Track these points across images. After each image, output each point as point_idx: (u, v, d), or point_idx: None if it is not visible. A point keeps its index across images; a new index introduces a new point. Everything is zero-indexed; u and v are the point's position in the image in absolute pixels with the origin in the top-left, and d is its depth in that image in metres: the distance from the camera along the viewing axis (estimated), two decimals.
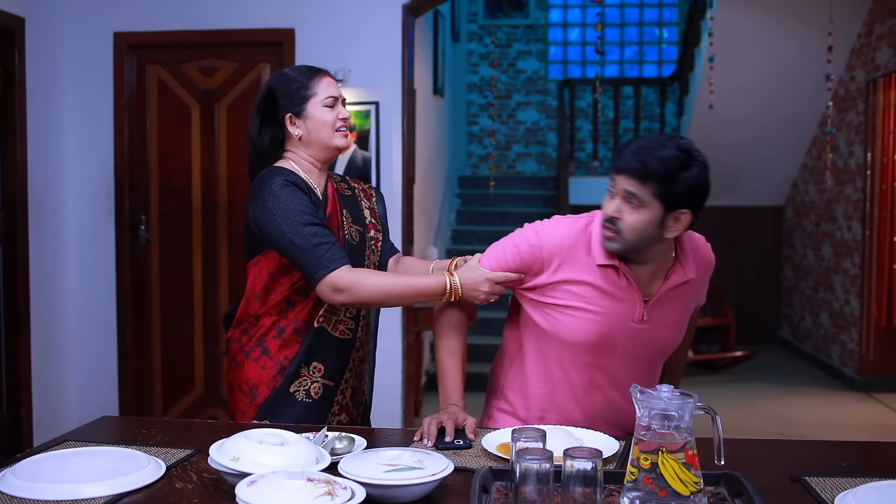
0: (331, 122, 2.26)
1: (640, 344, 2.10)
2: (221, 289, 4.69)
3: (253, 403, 2.26)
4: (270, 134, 2.29)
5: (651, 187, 1.92)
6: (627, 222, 1.96)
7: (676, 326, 2.16)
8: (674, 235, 2.00)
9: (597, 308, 2.06)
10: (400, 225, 4.66)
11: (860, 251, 6.59)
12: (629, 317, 2.06)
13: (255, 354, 2.27)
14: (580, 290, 2.07)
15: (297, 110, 2.26)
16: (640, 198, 1.93)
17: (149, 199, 4.73)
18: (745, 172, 8.01)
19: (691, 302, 2.19)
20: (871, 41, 6.44)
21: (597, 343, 2.08)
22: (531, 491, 1.47)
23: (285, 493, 1.43)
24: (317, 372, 2.27)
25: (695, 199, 1.96)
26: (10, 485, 1.62)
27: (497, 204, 8.87)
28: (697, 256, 2.15)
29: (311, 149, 2.28)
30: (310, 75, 2.28)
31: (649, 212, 1.94)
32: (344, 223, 2.32)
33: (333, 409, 2.31)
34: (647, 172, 1.91)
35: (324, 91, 2.26)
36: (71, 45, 4.64)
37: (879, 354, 6.51)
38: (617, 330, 2.07)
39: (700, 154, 1.96)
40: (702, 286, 2.21)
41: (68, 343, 4.68)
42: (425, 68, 6.78)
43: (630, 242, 1.98)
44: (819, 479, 1.72)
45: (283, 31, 4.56)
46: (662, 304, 2.09)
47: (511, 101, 10.76)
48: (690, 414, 1.46)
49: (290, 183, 2.18)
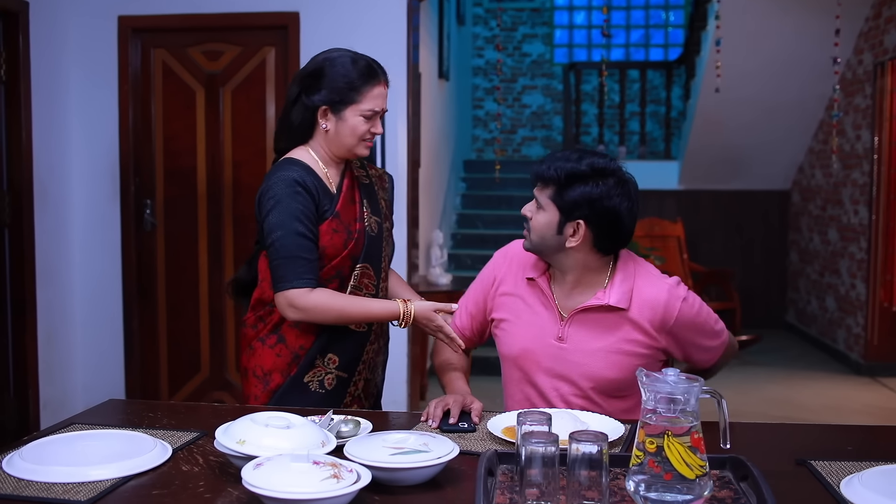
0: (361, 133, 2.23)
1: (561, 364, 2.13)
2: (227, 272, 4.69)
3: (266, 389, 2.27)
4: (302, 113, 2.24)
5: (548, 192, 2.08)
6: (532, 223, 2.12)
7: (604, 358, 2.10)
8: (573, 245, 2.07)
9: (521, 320, 2.19)
10: (405, 209, 4.65)
11: (867, 235, 6.57)
12: (549, 333, 2.15)
13: (270, 341, 2.26)
14: (511, 303, 2.22)
15: (335, 107, 2.21)
16: (539, 201, 2.10)
17: (154, 183, 4.73)
18: (751, 156, 7.99)
19: (626, 338, 2.09)
20: (878, 24, 6.40)
21: (521, 356, 2.18)
22: (536, 474, 1.47)
23: (291, 475, 1.43)
24: (331, 363, 2.28)
25: (592, 214, 2.04)
26: (17, 467, 1.63)
27: (502, 188, 8.85)
28: (640, 293, 2.10)
29: (332, 146, 2.26)
30: (365, 80, 2.21)
31: (547, 215, 2.08)
32: (364, 214, 2.31)
33: (346, 401, 2.31)
34: (546, 178, 2.08)
35: (369, 102, 2.21)
36: (75, 29, 4.63)
37: (885, 339, 6.50)
38: (538, 345, 2.15)
39: (617, 177, 2.07)
40: (644, 329, 2.09)
41: (74, 327, 4.69)
42: (430, 52, 6.76)
43: (534, 242, 2.13)
44: (825, 463, 1.72)
45: (288, 14, 4.54)
46: (581, 325, 2.12)
47: (516, 84, 10.73)
48: (696, 397, 1.46)
49: (299, 184, 2.17)
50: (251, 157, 4.62)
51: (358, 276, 2.27)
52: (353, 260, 2.26)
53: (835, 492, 1.57)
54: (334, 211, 2.24)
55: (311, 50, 2.39)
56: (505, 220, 8.57)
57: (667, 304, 2.08)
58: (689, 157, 8.13)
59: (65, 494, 1.53)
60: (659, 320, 2.09)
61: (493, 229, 8.48)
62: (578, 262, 2.11)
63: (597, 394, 2.13)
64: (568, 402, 2.13)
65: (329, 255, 2.22)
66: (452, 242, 8.26)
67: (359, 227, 2.27)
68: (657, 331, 2.10)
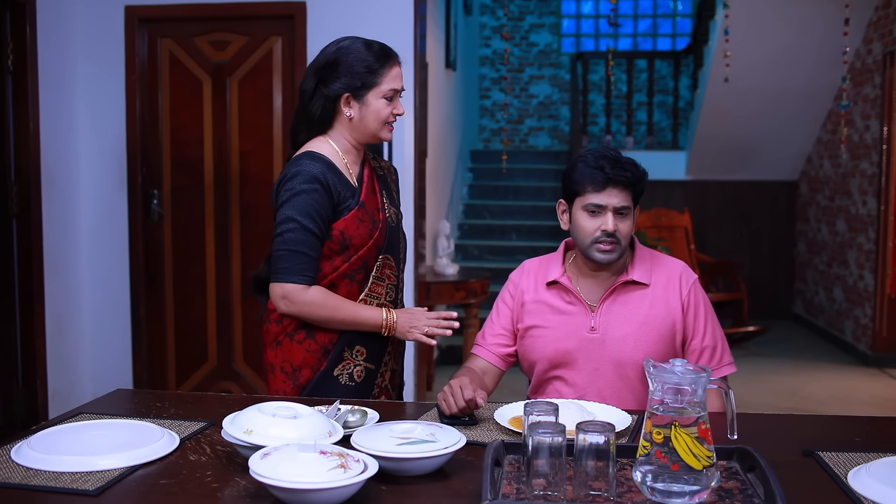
0: (385, 116, 2.24)
1: (596, 356, 2.19)
2: (234, 262, 4.70)
3: (296, 385, 2.27)
4: (322, 104, 2.24)
5: (626, 193, 2.12)
6: (623, 232, 2.13)
7: (635, 341, 2.17)
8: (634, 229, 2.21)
9: (550, 322, 2.23)
10: (412, 199, 4.65)
11: (875, 226, 6.55)
12: (581, 326, 2.20)
13: (299, 336, 2.26)
14: (536, 309, 2.26)
15: (357, 93, 2.22)
16: (619, 208, 2.12)
17: (161, 173, 4.73)
18: (759, 146, 7.96)
19: (653, 315, 2.19)
20: (888, 13, 6.36)
21: (555, 356, 2.21)
22: (543, 464, 1.47)
23: (298, 465, 1.43)
24: (359, 355, 2.28)
25: (639, 195, 2.19)
26: (25, 456, 1.64)
27: (509, 178, 8.85)
28: (658, 270, 2.23)
29: (356, 133, 2.26)
30: (382, 62, 2.23)
31: (632, 216, 2.17)
32: (385, 204, 2.32)
33: (374, 392, 2.32)
34: (635, 181, 2.12)
35: (389, 83, 2.23)
36: (82, 19, 4.62)
37: (893, 330, 6.48)
38: (572, 341, 2.20)
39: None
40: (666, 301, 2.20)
41: (82, 317, 4.70)
42: (437, 42, 6.74)
43: (625, 247, 2.17)
44: (832, 454, 1.71)
45: (295, 3, 4.53)
46: (610, 312, 2.19)
47: (524, 74, 10.70)
48: (703, 388, 1.46)
49: (317, 180, 2.18)
50: (258, 147, 4.62)
51: (380, 266, 2.28)
52: (378, 250, 2.27)
53: (842, 483, 1.56)
54: (359, 201, 2.24)
55: (318, 39, 2.39)
56: (512, 210, 8.57)
57: (682, 275, 2.22)
58: (696, 148, 8.11)
59: (73, 484, 1.54)
60: (675, 289, 2.20)
61: (500, 219, 8.47)
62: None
63: (631, 380, 2.18)
64: (603, 395, 2.17)
65: (356, 244, 2.22)
66: (459, 233, 8.26)
67: (382, 217, 2.28)
68: (675, 303, 2.20)
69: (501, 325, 2.32)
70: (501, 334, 2.32)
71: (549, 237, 7.89)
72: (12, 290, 4.21)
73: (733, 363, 2.25)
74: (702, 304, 2.22)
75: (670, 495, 1.44)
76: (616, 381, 2.18)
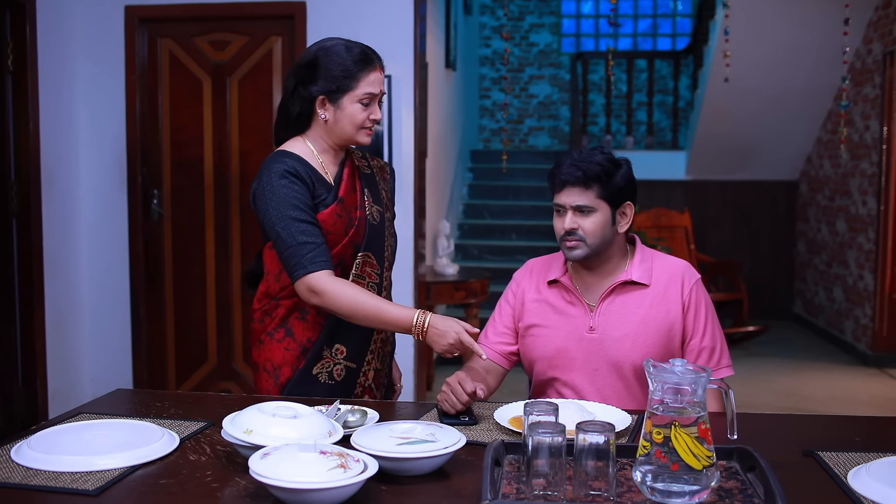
0: (360, 121, 2.21)
1: (595, 355, 2.19)
2: (234, 263, 4.70)
3: (277, 384, 2.26)
4: (300, 104, 2.23)
5: (593, 191, 2.12)
6: (587, 229, 2.14)
7: (633, 341, 2.17)
8: (625, 228, 2.20)
9: (551, 322, 2.24)
10: (412, 199, 4.64)
11: (875, 226, 6.55)
12: (580, 326, 2.21)
13: (278, 335, 2.26)
14: (538, 308, 2.27)
15: (332, 97, 2.20)
16: (581, 206, 2.12)
17: (161, 173, 4.73)
18: (759, 146, 7.96)
19: (652, 315, 2.18)
20: (888, 13, 6.36)
21: (555, 355, 2.22)
22: (543, 464, 1.47)
23: (298, 465, 1.43)
24: (339, 354, 2.26)
25: (632, 192, 2.19)
26: (25, 456, 1.64)
27: (509, 178, 8.85)
28: (659, 269, 2.23)
29: (331, 135, 2.24)
30: (360, 66, 2.19)
31: (600, 213, 2.14)
32: (365, 203, 2.29)
33: (356, 391, 2.30)
34: (589, 177, 2.11)
35: (365, 87, 2.19)
36: (82, 19, 4.62)
37: (893, 330, 6.48)
38: (571, 340, 2.20)
39: (621, 158, 2.21)
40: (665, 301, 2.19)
41: (82, 317, 4.70)
42: (437, 42, 6.74)
43: (594, 246, 2.15)
44: (832, 454, 1.71)
45: (295, 3, 4.53)
46: (608, 312, 2.20)
47: (524, 74, 10.70)
48: (703, 388, 1.46)
49: (290, 174, 2.15)
50: (258, 147, 4.62)
51: (360, 264, 2.25)
52: (355, 248, 2.24)
53: (842, 483, 1.56)
54: (337, 197, 2.22)
55: (318, 39, 2.38)
56: (511, 210, 8.57)
57: (684, 275, 2.22)
58: (696, 147, 8.11)
59: (73, 483, 1.54)
60: (677, 289, 2.20)
61: (500, 219, 8.47)
62: (619, 246, 2.24)
63: (630, 381, 2.18)
64: (603, 396, 2.17)
65: (331, 241, 2.19)
66: (459, 232, 8.26)
67: (359, 215, 2.25)
68: (676, 302, 2.19)
69: (504, 323, 2.33)
70: (504, 333, 2.32)
71: (549, 237, 7.89)
72: (12, 290, 4.21)
73: (731, 367, 2.24)
74: (703, 305, 2.22)
75: (670, 495, 1.44)
76: (616, 382, 2.18)
